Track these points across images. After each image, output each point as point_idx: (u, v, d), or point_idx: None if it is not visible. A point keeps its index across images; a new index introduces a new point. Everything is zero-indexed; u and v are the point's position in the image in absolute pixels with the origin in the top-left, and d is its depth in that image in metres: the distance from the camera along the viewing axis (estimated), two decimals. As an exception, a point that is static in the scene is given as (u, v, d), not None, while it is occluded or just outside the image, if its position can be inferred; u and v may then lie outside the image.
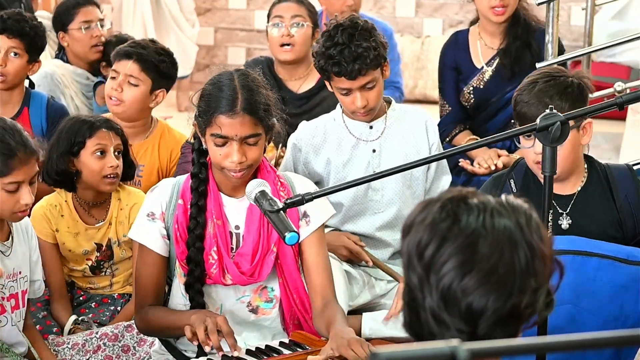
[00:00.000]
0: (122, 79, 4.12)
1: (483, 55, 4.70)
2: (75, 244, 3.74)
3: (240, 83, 2.99)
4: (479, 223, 1.72)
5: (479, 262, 1.70)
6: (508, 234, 1.73)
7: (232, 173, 3.00)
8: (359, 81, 3.64)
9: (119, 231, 3.75)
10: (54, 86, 4.90)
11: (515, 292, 1.70)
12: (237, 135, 2.96)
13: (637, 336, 1.63)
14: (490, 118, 4.71)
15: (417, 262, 1.74)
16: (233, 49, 8.92)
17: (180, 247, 3.07)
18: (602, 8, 7.30)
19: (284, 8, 4.66)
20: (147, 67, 4.13)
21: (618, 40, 5.01)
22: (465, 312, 1.70)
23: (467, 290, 1.69)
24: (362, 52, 3.58)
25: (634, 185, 3.37)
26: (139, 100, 4.15)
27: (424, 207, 1.78)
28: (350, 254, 3.82)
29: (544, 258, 1.74)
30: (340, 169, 3.84)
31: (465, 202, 1.76)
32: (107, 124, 3.74)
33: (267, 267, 3.09)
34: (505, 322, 1.71)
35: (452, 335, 1.71)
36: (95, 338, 3.51)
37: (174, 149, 4.24)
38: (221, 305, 3.14)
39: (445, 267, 1.71)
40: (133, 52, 4.14)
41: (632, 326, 2.80)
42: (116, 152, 3.73)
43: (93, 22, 5.10)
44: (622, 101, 2.79)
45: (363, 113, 3.72)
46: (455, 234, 1.72)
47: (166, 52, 4.26)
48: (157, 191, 3.15)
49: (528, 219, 1.76)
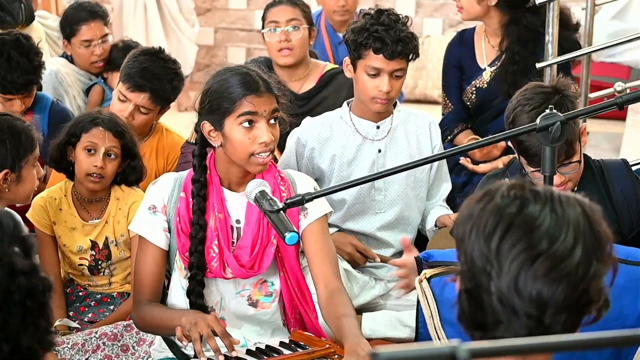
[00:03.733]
0: (132, 108, 4.11)
1: (487, 55, 4.69)
2: (70, 240, 3.75)
3: (247, 69, 3.07)
4: (546, 209, 1.73)
5: (548, 247, 1.71)
6: (576, 220, 1.73)
7: (261, 157, 3.02)
8: (393, 64, 3.70)
9: (117, 230, 3.75)
10: (58, 84, 4.91)
11: (586, 279, 1.71)
12: (265, 111, 3.01)
13: (637, 336, 1.63)
14: (491, 120, 4.69)
15: (483, 245, 1.73)
16: (233, 49, 8.91)
17: (181, 240, 3.08)
18: (602, 8, 7.30)
19: (279, 12, 4.64)
20: (158, 97, 4.14)
21: (618, 40, 5.01)
22: (537, 297, 1.70)
23: (538, 275, 1.70)
24: (405, 37, 3.71)
25: (630, 179, 3.38)
26: (149, 123, 4.22)
27: (484, 194, 1.78)
28: (356, 252, 3.83)
29: (608, 243, 1.75)
30: (345, 167, 3.86)
31: (530, 190, 1.77)
32: (108, 124, 3.73)
33: (267, 260, 3.09)
34: (573, 309, 1.72)
35: (519, 321, 1.71)
36: (95, 338, 3.51)
37: (172, 151, 4.24)
38: (221, 299, 3.14)
39: (514, 251, 1.71)
40: (147, 86, 4.10)
41: (632, 326, 2.80)
42: (109, 154, 3.71)
43: (94, 41, 5.12)
44: (622, 101, 2.79)
45: (383, 100, 3.74)
46: (523, 218, 1.72)
47: (176, 72, 4.23)
48: (158, 184, 3.16)
49: (593, 207, 1.77)
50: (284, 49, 4.57)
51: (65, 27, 5.18)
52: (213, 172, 3.12)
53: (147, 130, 4.24)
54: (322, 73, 4.63)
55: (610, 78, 6.78)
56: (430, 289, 2.79)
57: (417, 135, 3.91)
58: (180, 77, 4.26)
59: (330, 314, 3.03)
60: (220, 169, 3.12)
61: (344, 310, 3.00)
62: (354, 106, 3.89)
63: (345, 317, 2.96)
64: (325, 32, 5.83)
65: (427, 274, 2.82)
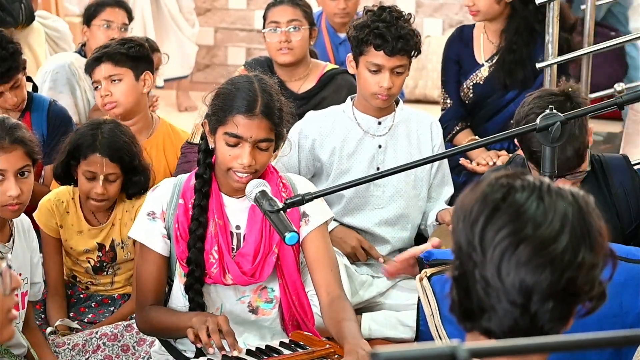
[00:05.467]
0: (105, 83, 4.13)
1: (485, 51, 4.71)
2: (77, 242, 3.75)
3: (260, 87, 3.01)
4: (533, 196, 1.71)
5: (532, 232, 1.68)
6: (564, 207, 1.70)
7: (238, 175, 3.00)
8: (394, 61, 3.72)
9: (124, 233, 3.73)
10: (71, 75, 4.90)
11: (572, 267, 1.67)
12: (251, 137, 2.97)
13: (637, 336, 1.63)
14: (489, 118, 4.71)
15: (469, 232, 1.71)
16: (233, 49, 8.91)
17: (180, 246, 3.07)
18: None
19: (280, 12, 4.64)
20: (120, 60, 4.14)
21: (618, 40, 5.01)
22: (520, 284, 1.67)
23: (521, 261, 1.67)
24: (406, 34, 3.72)
25: (630, 173, 3.39)
26: (130, 91, 4.16)
27: (475, 184, 1.77)
28: (359, 248, 3.84)
29: (601, 234, 1.72)
30: (345, 160, 3.88)
31: (520, 178, 1.74)
32: (106, 148, 3.65)
33: (269, 268, 3.09)
34: (560, 298, 1.68)
35: (503, 308, 1.68)
36: (95, 338, 3.51)
37: (180, 147, 4.23)
38: (221, 305, 3.14)
39: (498, 236, 1.68)
40: (100, 56, 4.15)
41: (632, 322, 2.81)
42: (108, 179, 3.66)
43: (114, 23, 5.10)
44: (622, 101, 2.79)
45: (384, 96, 3.75)
46: (509, 204, 1.70)
47: (129, 39, 4.29)
48: (158, 190, 3.15)
49: (584, 197, 1.74)
50: (284, 48, 4.57)
51: (89, 9, 5.17)
52: (212, 177, 3.12)
53: (139, 107, 4.19)
54: (322, 73, 4.63)
55: (610, 78, 6.77)
56: (431, 286, 2.79)
57: (418, 134, 3.93)
58: (135, 41, 4.26)
59: (332, 319, 3.03)
60: (218, 174, 3.11)
61: (344, 315, 3.00)
62: (356, 101, 3.91)
63: (345, 320, 2.96)
64: (326, 32, 5.82)
65: (427, 272, 2.82)
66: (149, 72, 4.21)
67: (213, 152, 3.09)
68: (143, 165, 3.75)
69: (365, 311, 3.80)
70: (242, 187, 3.01)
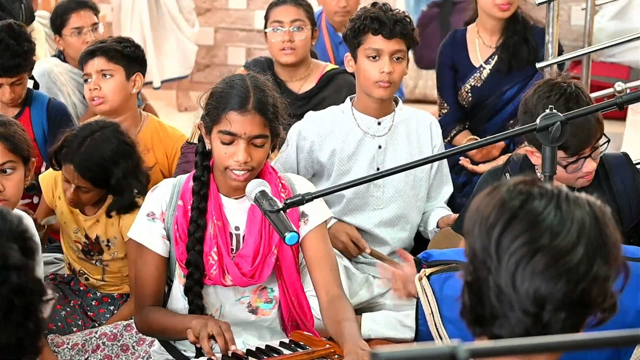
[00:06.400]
0: (95, 77, 4.15)
1: (481, 54, 4.71)
2: (70, 218, 3.77)
3: (253, 84, 3.01)
4: (551, 205, 1.70)
5: (549, 242, 1.67)
6: (581, 216, 1.70)
7: (235, 173, 3.00)
8: (393, 44, 3.74)
9: (109, 232, 3.71)
10: (52, 84, 4.92)
11: (587, 278, 1.67)
12: (245, 134, 2.97)
13: (637, 336, 1.63)
14: (488, 119, 4.71)
15: (485, 238, 1.71)
16: (233, 49, 8.90)
17: (179, 248, 3.07)
18: (602, 8, 7.30)
19: (283, 12, 4.63)
20: (113, 56, 4.17)
21: (618, 40, 5.01)
22: (534, 293, 1.67)
23: (536, 270, 1.67)
24: (403, 18, 3.77)
25: (631, 171, 3.39)
26: (119, 89, 4.18)
27: (492, 188, 1.76)
28: (350, 242, 3.83)
29: (616, 246, 1.72)
30: (345, 162, 3.87)
31: (538, 186, 1.74)
32: (78, 164, 3.59)
33: (268, 269, 3.08)
34: (573, 308, 1.68)
35: (516, 316, 1.68)
36: (95, 338, 3.51)
37: (170, 144, 4.23)
38: (221, 306, 3.14)
39: (514, 245, 1.68)
40: (95, 50, 4.18)
41: (631, 321, 2.81)
42: (80, 189, 3.63)
43: (85, 28, 5.10)
44: (622, 101, 2.79)
45: (385, 83, 3.75)
46: (526, 212, 1.70)
47: (126, 39, 4.31)
48: (157, 191, 3.15)
49: (601, 207, 1.74)
50: (287, 48, 4.57)
51: (55, 20, 5.18)
52: (211, 179, 3.11)
53: (127, 106, 4.20)
54: (322, 73, 4.63)
55: (610, 78, 6.77)
56: (430, 286, 2.79)
57: (418, 134, 3.92)
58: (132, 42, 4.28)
59: (331, 319, 3.03)
60: (216, 175, 3.11)
61: (344, 315, 2.99)
62: (356, 102, 3.90)
63: (345, 321, 2.96)
64: (326, 32, 5.82)
65: (426, 271, 2.81)
66: (140, 74, 4.24)
67: (210, 155, 3.08)
68: (126, 184, 3.64)
69: (365, 311, 3.79)
70: (240, 185, 3.01)
